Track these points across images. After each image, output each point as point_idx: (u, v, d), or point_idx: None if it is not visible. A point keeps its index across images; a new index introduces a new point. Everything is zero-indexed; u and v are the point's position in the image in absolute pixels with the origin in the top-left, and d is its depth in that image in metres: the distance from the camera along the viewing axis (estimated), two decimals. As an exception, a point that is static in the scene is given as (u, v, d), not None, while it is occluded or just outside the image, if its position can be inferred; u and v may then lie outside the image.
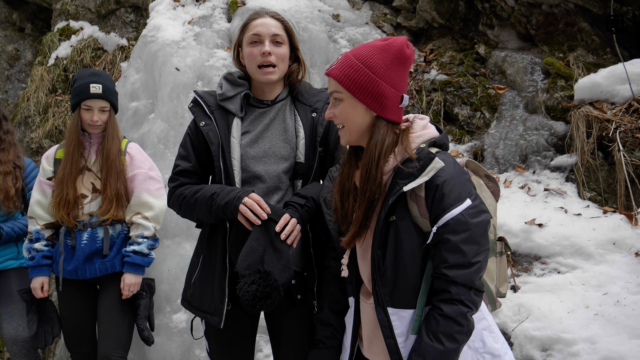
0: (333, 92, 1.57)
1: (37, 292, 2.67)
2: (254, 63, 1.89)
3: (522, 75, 3.66)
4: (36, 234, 2.70)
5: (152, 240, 2.68)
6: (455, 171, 1.50)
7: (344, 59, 1.55)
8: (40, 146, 4.82)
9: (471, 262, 1.45)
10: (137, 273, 2.63)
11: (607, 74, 3.11)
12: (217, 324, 1.87)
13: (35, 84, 5.10)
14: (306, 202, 1.81)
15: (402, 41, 1.55)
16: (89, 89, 2.63)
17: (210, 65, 3.96)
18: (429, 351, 1.43)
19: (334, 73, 1.55)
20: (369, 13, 4.64)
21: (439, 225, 1.45)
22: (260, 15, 1.93)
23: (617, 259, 2.64)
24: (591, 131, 3.08)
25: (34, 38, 6.24)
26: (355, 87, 1.51)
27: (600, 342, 2.33)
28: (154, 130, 3.73)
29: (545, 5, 3.75)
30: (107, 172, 2.64)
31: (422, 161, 1.48)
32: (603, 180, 3.02)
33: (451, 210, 1.45)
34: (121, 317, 2.62)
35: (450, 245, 1.44)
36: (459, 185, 1.48)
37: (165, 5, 4.44)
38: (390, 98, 1.52)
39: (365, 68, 1.51)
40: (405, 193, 1.50)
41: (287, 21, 1.95)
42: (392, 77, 1.53)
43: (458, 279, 1.44)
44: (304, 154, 1.91)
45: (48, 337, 2.76)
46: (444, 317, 1.44)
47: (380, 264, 1.53)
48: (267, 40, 1.88)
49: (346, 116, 1.55)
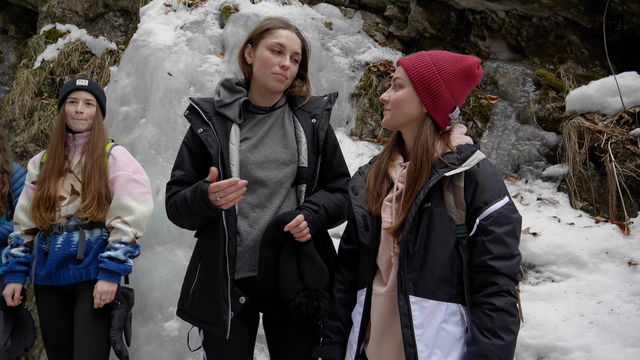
0: (397, 78, 1.65)
1: (7, 300, 2.56)
2: (269, 69, 1.89)
3: (513, 86, 3.71)
4: (15, 239, 2.61)
5: (130, 247, 2.52)
6: (493, 170, 1.58)
7: (419, 54, 1.66)
8: (25, 150, 4.70)
9: (514, 254, 1.48)
10: (112, 280, 2.46)
11: (598, 86, 3.17)
12: (221, 335, 1.82)
13: (21, 87, 4.99)
14: (318, 209, 1.81)
15: (476, 60, 1.66)
16: (75, 82, 2.65)
17: (203, 70, 3.93)
18: (491, 349, 1.41)
19: (405, 62, 1.65)
20: (360, 22, 4.67)
21: (482, 217, 1.49)
22: (288, 27, 1.94)
23: (611, 268, 2.68)
24: (583, 142, 3.13)
25: (17, 40, 6.12)
26: (418, 79, 1.60)
27: (596, 350, 2.35)
28: (145, 135, 3.67)
29: (535, 18, 3.82)
30: (91, 168, 2.54)
31: (463, 153, 1.56)
32: (595, 191, 3.07)
33: (495, 203, 1.50)
34: (94, 329, 2.46)
35: (494, 237, 1.47)
36: (499, 182, 1.55)
37: (156, 9, 4.40)
38: (445, 102, 1.61)
39: (434, 67, 1.61)
40: (441, 184, 1.54)
41: (307, 43, 2.00)
42: (454, 86, 1.61)
43: (504, 269, 1.46)
44: (307, 159, 1.91)
45: (20, 348, 2.65)
46: (496, 311, 1.43)
47: (409, 248, 1.53)
48: (288, 54, 1.90)
49: (399, 103, 1.63)
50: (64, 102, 2.64)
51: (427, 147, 1.58)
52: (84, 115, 2.61)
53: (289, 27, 1.95)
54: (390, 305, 1.58)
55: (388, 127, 1.72)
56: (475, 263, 1.49)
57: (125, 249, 2.50)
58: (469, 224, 1.53)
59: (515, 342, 1.45)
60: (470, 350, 1.45)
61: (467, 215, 1.53)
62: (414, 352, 1.46)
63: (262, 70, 1.90)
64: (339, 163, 2.02)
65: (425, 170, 1.55)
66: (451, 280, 1.51)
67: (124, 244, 2.50)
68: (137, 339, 3.05)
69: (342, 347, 1.74)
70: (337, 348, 1.73)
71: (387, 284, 1.60)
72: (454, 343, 1.48)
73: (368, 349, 1.67)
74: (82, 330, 2.46)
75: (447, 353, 1.47)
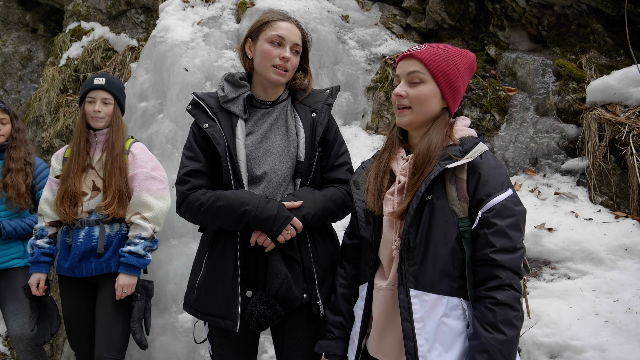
0: (414, 72, 1.59)
1: (32, 289, 2.68)
2: (269, 61, 1.89)
3: (532, 77, 3.61)
4: (40, 230, 2.72)
5: (149, 242, 2.62)
6: (496, 162, 1.55)
7: (430, 47, 1.61)
8: (51, 145, 4.85)
9: (517, 247, 1.46)
10: (132, 274, 2.58)
11: (621, 76, 3.05)
12: (231, 328, 1.83)
13: (47, 84, 5.14)
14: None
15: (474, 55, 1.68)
16: (93, 81, 2.71)
17: (219, 65, 3.96)
18: (492, 344, 1.39)
19: (423, 56, 1.59)
20: (378, 14, 4.61)
21: (485, 209, 1.47)
22: (287, 19, 1.93)
23: (629, 265, 2.58)
24: (603, 134, 3.02)
25: (46, 39, 6.30)
26: (442, 75, 1.57)
27: (611, 350, 2.28)
28: (163, 130, 3.73)
29: (557, 6, 3.69)
30: (111, 166, 2.62)
31: (466, 145, 1.53)
32: (615, 185, 2.96)
33: (498, 195, 1.47)
34: (115, 318, 2.58)
35: (497, 229, 1.45)
36: (502, 175, 1.52)
37: (174, 6, 4.46)
38: (461, 96, 1.63)
39: (451, 61, 1.59)
40: (444, 176, 1.53)
41: (307, 34, 1.98)
42: (465, 79, 1.63)
43: (506, 263, 1.43)
44: (304, 153, 1.91)
45: (46, 333, 2.77)
46: (499, 305, 1.41)
47: (410, 241, 1.52)
48: (288, 46, 1.90)
49: (422, 100, 1.58)
50: (83, 101, 2.72)
51: (439, 141, 1.55)
52: (101, 114, 2.68)
53: (288, 19, 1.94)
54: (392, 299, 1.56)
55: (408, 128, 1.64)
56: (477, 256, 1.47)
57: (145, 244, 2.60)
58: (472, 216, 1.50)
59: (518, 337, 1.42)
60: (472, 345, 1.43)
61: (469, 208, 1.50)
62: (414, 346, 1.45)
63: (262, 63, 1.90)
64: (337, 152, 2.01)
65: (432, 164, 1.52)
66: (453, 274, 1.48)
67: (143, 239, 2.60)
68: (153, 329, 3.12)
69: (345, 342, 1.73)
70: (339, 343, 1.73)
71: (388, 277, 1.59)
72: (455, 337, 1.46)
73: (369, 343, 1.66)
74: (104, 319, 2.57)
75: (447, 348, 1.45)
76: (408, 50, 1.64)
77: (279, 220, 1.75)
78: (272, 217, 1.75)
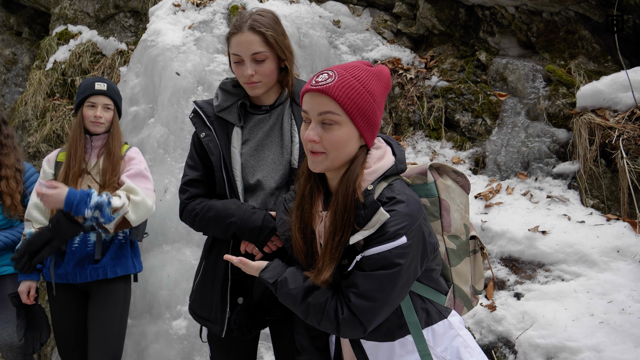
0: (327, 112, 1.37)
1: (23, 296, 2.61)
2: (241, 80, 1.85)
3: (523, 82, 3.66)
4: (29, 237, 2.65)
5: (107, 207, 2.33)
6: (407, 209, 1.37)
7: (342, 78, 1.37)
8: (37, 150, 4.77)
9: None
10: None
11: (610, 81, 3.11)
12: (218, 333, 1.85)
13: (33, 87, 5.06)
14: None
15: (388, 70, 1.48)
16: (94, 86, 2.63)
17: (211, 70, 3.94)
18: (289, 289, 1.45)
19: (336, 93, 1.36)
20: (369, 19, 4.64)
21: (365, 255, 1.35)
22: (239, 30, 1.80)
23: (622, 266, 2.63)
24: (594, 138, 3.07)
25: (31, 42, 6.20)
26: (359, 113, 1.37)
27: (606, 350, 2.31)
28: (154, 134, 3.70)
29: (545, 13, 3.76)
30: (110, 172, 2.56)
31: (367, 209, 1.36)
32: (606, 188, 3.01)
33: (382, 245, 1.33)
34: (109, 326, 2.53)
35: (364, 275, 1.35)
36: (401, 222, 1.35)
37: (165, 10, 4.43)
38: (379, 125, 1.43)
39: (367, 93, 1.38)
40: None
41: (268, 34, 1.79)
42: (382, 104, 1.44)
43: (357, 309, 1.36)
44: (297, 159, 1.88)
45: (36, 343, 2.70)
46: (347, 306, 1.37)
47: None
48: (247, 60, 1.79)
49: (340, 144, 1.38)
50: (81, 105, 2.64)
51: (357, 183, 1.38)
52: (102, 119, 2.62)
53: (241, 29, 1.81)
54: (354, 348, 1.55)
55: (324, 172, 1.46)
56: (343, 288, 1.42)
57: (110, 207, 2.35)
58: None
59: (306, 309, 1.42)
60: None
61: (361, 248, 1.40)
62: None
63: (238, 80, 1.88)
64: None
65: (350, 221, 1.37)
66: (396, 320, 1.45)
67: (108, 199, 2.37)
68: (146, 337, 3.07)
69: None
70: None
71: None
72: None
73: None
74: (98, 327, 2.52)
75: None
76: (316, 84, 1.39)
77: (264, 232, 1.74)
78: (256, 228, 1.74)
